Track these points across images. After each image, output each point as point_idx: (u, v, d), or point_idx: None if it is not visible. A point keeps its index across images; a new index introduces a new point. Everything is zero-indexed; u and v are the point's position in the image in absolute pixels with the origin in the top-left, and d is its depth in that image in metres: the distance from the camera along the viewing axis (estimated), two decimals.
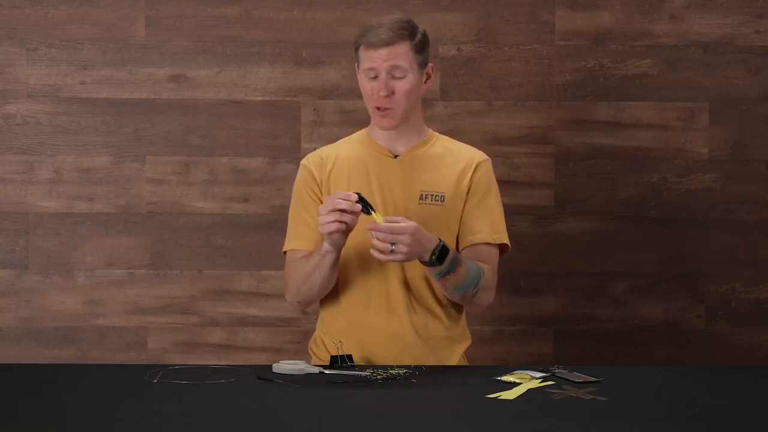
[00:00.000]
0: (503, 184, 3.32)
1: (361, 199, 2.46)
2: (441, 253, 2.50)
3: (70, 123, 3.39)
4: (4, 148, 3.39)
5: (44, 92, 3.38)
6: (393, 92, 2.59)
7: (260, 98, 3.40)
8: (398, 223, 2.46)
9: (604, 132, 3.42)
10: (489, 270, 2.66)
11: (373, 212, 2.45)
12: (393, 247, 2.44)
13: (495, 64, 3.41)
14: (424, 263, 2.53)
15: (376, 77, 2.60)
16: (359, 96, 2.70)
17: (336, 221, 2.44)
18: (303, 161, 2.75)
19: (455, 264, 2.54)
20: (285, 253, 2.72)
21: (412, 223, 2.46)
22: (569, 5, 3.40)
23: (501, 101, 3.41)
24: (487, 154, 2.78)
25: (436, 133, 2.76)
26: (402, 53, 2.59)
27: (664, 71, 3.41)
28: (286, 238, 2.72)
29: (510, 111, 3.41)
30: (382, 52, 2.58)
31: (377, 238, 2.44)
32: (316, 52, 3.39)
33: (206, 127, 3.40)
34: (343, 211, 2.44)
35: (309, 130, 3.40)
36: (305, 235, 2.67)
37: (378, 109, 2.61)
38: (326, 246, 2.52)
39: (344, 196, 2.45)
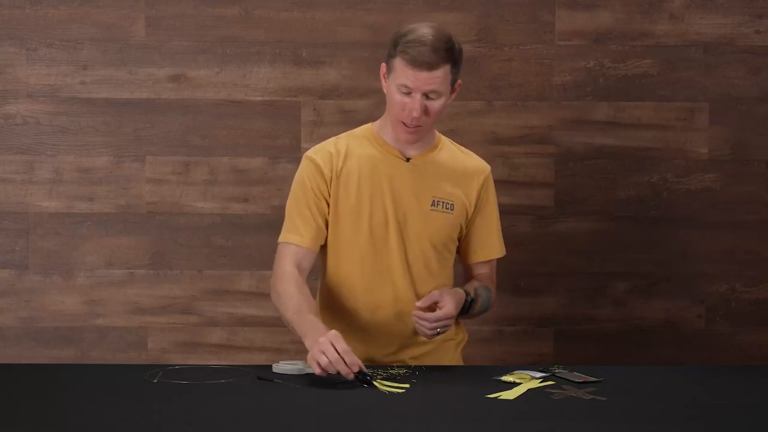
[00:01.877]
0: (503, 184, 3.34)
1: (362, 375, 2.32)
2: (469, 306, 2.63)
3: (70, 123, 3.39)
4: (4, 148, 3.39)
5: (44, 92, 3.38)
6: (426, 112, 2.53)
7: (260, 98, 3.40)
8: (439, 307, 2.53)
9: (604, 132, 3.42)
10: (493, 285, 2.77)
11: (374, 382, 2.32)
12: (439, 330, 2.53)
13: (495, 64, 3.41)
14: None
15: (409, 94, 2.53)
16: (359, 96, 2.70)
17: (322, 369, 2.30)
18: (310, 154, 2.67)
19: (474, 304, 2.65)
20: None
21: (450, 305, 2.54)
22: (569, 5, 3.40)
23: (501, 101, 3.41)
24: (487, 154, 2.80)
25: (444, 137, 2.74)
26: (441, 78, 2.51)
27: (664, 71, 3.42)
28: (284, 228, 2.65)
29: (510, 111, 3.41)
30: (423, 76, 2.49)
31: (424, 327, 2.52)
32: (316, 52, 3.39)
33: (206, 127, 3.40)
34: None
35: (309, 130, 3.40)
36: (303, 230, 2.63)
37: (405, 125, 2.57)
38: (304, 340, 2.43)
39: (349, 364, 2.29)
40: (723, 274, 3.45)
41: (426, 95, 2.51)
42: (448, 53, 2.51)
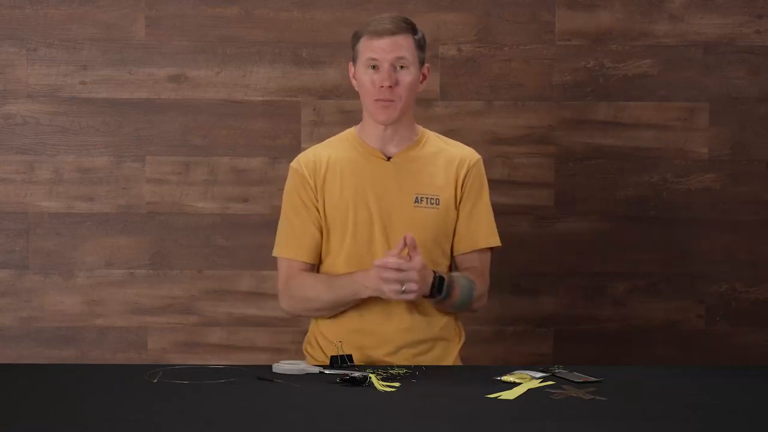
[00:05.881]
0: (503, 184, 3.34)
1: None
2: (440, 285, 2.54)
3: (70, 123, 3.39)
4: (4, 148, 3.39)
5: (44, 92, 3.38)
6: (396, 83, 2.58)
7: (260, 98, 3.40)
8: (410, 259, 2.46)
9: (604, 132, 3.42)
10: (481, 279, 2.68)
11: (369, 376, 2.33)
12: (404, 288, 2.46)
13: (495, 64, 3.41)
14: (425, 296, 2.55)
15: (376, 68, 2.58)
16: (359, 96, 2.69)
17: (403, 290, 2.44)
18: (294, 165, 2.71)
19: (450, 288, 2.57)
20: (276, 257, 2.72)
21: (418, 259, 2.46)
22: (569, 5, 3.40)
23: (501, 101, 3.41)
24: (487, 154, 2.78)
25: (428, 131, 2.73)
26: (405, 45, 2.59)
27: (664, 71, 3.41)
28: (277, 242, 2.70)
29: (510, 111, 3.41)
30: (386, 42, 2.57)
31: (387, 279, 2.45)
32: (316, 52, 3.39)
33: (206, 127, 3.40)
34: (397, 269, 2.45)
35: (309, 130, 3.40)
36: (295, 242, 2.66)
37: (378, 101, 2.59)
38: (369, 292, 2.53)
39: (394, 266, 2.44)
40: (723, 274, 3.45)
41: (394, 67, 2.57)
42: (408, 24, 2.62)
